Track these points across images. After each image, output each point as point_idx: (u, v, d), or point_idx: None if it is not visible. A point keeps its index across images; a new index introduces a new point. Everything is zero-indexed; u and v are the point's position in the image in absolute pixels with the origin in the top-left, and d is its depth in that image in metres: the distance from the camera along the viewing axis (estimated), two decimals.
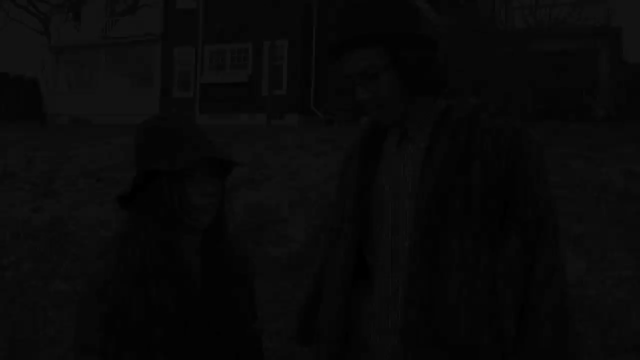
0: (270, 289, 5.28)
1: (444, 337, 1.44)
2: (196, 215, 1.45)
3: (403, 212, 1.54)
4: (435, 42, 1.55)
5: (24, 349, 5.02)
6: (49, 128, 11.53)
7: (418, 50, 1.51)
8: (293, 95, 20.08)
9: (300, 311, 1.81)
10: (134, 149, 1.49)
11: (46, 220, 6.76)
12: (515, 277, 1.45)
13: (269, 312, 4.98)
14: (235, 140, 8.89)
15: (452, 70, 14.11)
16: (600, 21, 17.78)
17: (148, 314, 1.38)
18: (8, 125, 12.64)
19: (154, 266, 1.41)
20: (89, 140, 9.50)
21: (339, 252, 1.64)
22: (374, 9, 1.53)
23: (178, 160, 1.42)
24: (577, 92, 15.10)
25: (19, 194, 7.70)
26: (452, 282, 1.45)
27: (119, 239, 1.46)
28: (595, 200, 5.61)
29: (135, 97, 23.69)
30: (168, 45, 22.45)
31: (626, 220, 5.50)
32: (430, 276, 1.46)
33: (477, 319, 1.43)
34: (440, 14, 18.04)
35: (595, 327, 4.11)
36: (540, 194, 1.49)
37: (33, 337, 5.18)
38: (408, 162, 1.58)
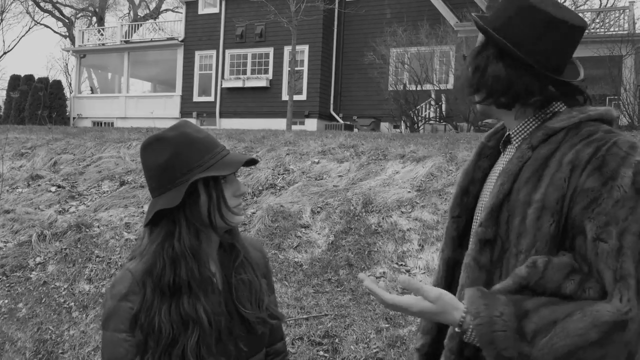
0: (292, 294, 5.30)
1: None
2: (231, 216, 1.47)
3: None
4: (523, 62, 1.42)
5: (49, 349, 5.09)
6: (73, 131, 11.69)
7: (489, 62, 1.44)
8: (313, 100, 20.14)
9: None
10: (155, 168, 1.44)
11: (71, 222, 6.85)
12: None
13: (291, 316, 4.99)
14: (258, 144, 8.94)
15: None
16: (624, 28, 17.60)
17: (180, 327, 1.40)
18: (33, 128, 12.83)
19: (187, 278, 1.41)
20: (113, 143, 9.61)
21: (441, 246, 1.62)
22: (505, 9, 1.47)
23: (227, 164, 1.44)
24: (600, 100, 14.94)
25: (45, 196, 7.81)
26: None
27: (147, 256, 1.44)
28: None
29: (156, 100, 23.92)
30: (189, 49, 22.65)
31: None
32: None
33: None
34: (461, 21, 17.99)
35: None
36: (612, 220, 1.24)
37: (58, 338, 5.25)
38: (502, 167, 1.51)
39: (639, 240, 1.22)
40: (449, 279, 1.55)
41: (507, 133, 1.53)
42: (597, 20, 18.49)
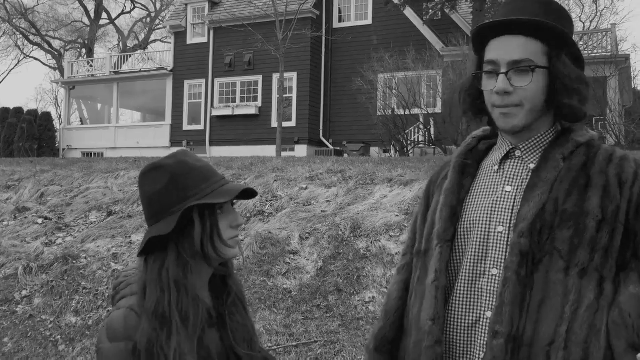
0: (281, 321, 5.26)
1: None
2: (224, 248, 1.41)
3: (495, 236, 1.41)
4: (582, 65, 1.44)
5: None
6: (60, 162, 11.65)
7: (572, 67, 1.41)
8: (302, 126, 20.24)
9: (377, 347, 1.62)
10: (151, 196, 1.40)
11: (58, 254, 6.79)
12: (628, 328, 1.27)
13: (280, 344, 4.94)
14: (246, 172, 8.94)
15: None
16: (608, 50, 17.88)
17: None
18: (20, 160, 12.79)
19: (171, 311, 1.35)
20: (100, 173, 9.58)
21: (429, 275, 1.48)
22: (546, 6, 1.43)
23: (223, 192, 1.40)
24: (587, 122, 15.09)
25: (32, 228, 7.75)
26: (547, 319, 1.29)
27: (140, 289, 1.39)
28: None
29: (146, 129, 23.95)
30: (179, 78, 22.78)
31: None
32: (521, 307, 1.31)
33: None
34: (447, 46, 18.22)
35: None
36: None
37: None
38: (510, 182, 1.44)
39: None
40: (442, 309, 1.45)
41: (510, 148, 1.47)
42: (581, 43, 18.78)
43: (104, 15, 37.97)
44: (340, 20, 21.09)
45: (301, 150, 19.64)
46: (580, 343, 1.26)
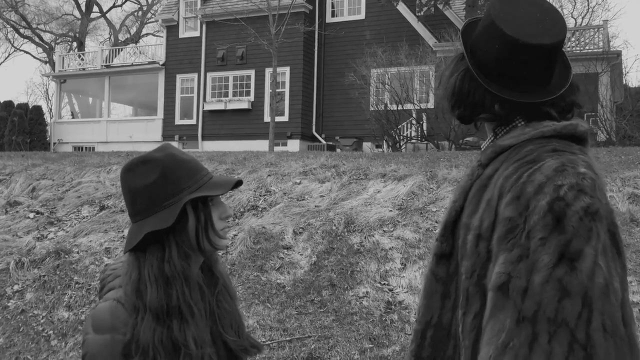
0: (275, 316, 5.25)
1: None
2: (218, 239, 1.43)
3: None
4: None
5: None
6: (52, 156, 11.58)
7: (462, 70, 1.40)
8: (295, 121, 20.20)
9: None
10: (141, 190, 1.38)
11: (50, 248, 6.75)
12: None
13: (274, 339, 4.94)
14: (239, 166, 8.92)
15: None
16: (599, 46, 17.95)
17: (171, 354, 1.35)
18: (11, 154, 12.70)
19: (178, 303, 1.36)
20: (92, 167, 9.53)
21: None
22: (481, 22, 1.43)
23: (214, 185, 1.40)
24: (578, 116, 15.13)
25: (24, 223, 7.70)
26: (454, 314, 1.38)
27: (132, 283, 1.37)
28: None
29: (138, 124, 23.83)
30: (171, 72, 22.66)
31: (633, 245, 5.48)
32: (443, 301, 1.40)
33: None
34: (440, 41, 18.22)
35: None
36: (524, 254, 1.16)
37: None
38: None
39: (547, 278, 1.13)
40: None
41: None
42: (573, 39, 18.84)
43: (95, 8, 37.70)
44: (333, 15, 21.05)
45: (294, 145, 19.61)
46: (468, 347, 1.29)
